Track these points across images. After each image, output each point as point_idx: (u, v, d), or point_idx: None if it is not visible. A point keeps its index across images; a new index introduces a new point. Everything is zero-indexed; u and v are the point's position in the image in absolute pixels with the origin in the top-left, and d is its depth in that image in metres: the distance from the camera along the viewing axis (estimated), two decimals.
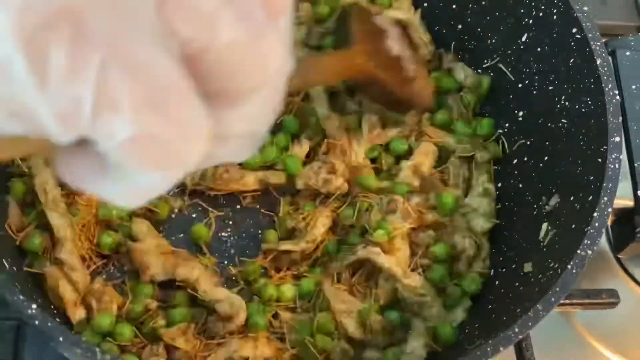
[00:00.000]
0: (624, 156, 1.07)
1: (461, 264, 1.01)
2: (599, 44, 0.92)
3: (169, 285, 0.99)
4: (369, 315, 0.96)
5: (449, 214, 1.03)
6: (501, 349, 0.79)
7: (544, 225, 0.94)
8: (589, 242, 0.83)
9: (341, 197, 1.07)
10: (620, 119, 0.89)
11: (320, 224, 1.04)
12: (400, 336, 0.97)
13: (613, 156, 0.87)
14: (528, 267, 0.92)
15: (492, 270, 1.00)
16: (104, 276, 0.99)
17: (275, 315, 0.99)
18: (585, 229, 0.84)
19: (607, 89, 0.90)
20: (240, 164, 1.07)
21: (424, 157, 1.07)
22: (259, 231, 1.07)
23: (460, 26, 1.11)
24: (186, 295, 0.97)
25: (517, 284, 0.92)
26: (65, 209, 0.98)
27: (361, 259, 1.00)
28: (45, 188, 0.97)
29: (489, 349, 0.78)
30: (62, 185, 0.99)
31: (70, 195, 1.00)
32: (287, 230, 1.05)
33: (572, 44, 0.94)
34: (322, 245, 1.04)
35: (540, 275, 0.87)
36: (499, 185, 1.06)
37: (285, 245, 1.02)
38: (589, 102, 0.92)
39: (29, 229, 0.97)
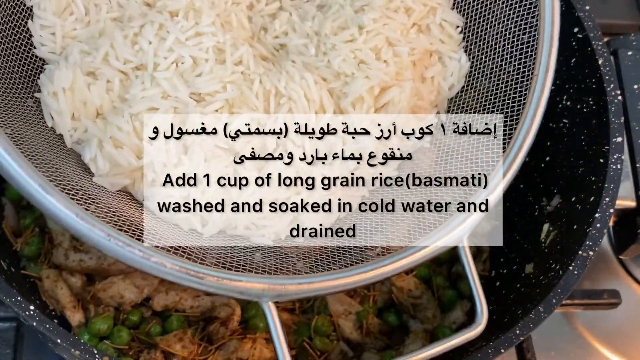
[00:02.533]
0: (625, 156, 1.06)
1: (459, 266, 1.00)
2: (600, 43, 0.91)
3: None
4: (367, 317, 0.96)
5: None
6: (502, 350, 0.78)
7: (545, 226, 0.93)
8: (590, 243, 0.83)
9: None
10: (622, 119, 0.89)
11: None
12: (399, 338, 0.96)
13: (615, 156, 0.87)
14: (529, 268, 0.92)
15: (493, 272, 1.00)
16: None
17: None
18: (587, 230, 0.83)
19: (609, 88, 0.89)
20: None
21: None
22: None
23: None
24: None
25: (518, 285, 0.92)
26: None
27: None
28: None
29: (490, 350, 0.78)
30: None
31: None
32: None
33: (574, 43, 0.93)
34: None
35: (542, 277, 0.87)
36: None
37: None
38: (591, 102, 0.91)
39: (27, 235, 0.96)
